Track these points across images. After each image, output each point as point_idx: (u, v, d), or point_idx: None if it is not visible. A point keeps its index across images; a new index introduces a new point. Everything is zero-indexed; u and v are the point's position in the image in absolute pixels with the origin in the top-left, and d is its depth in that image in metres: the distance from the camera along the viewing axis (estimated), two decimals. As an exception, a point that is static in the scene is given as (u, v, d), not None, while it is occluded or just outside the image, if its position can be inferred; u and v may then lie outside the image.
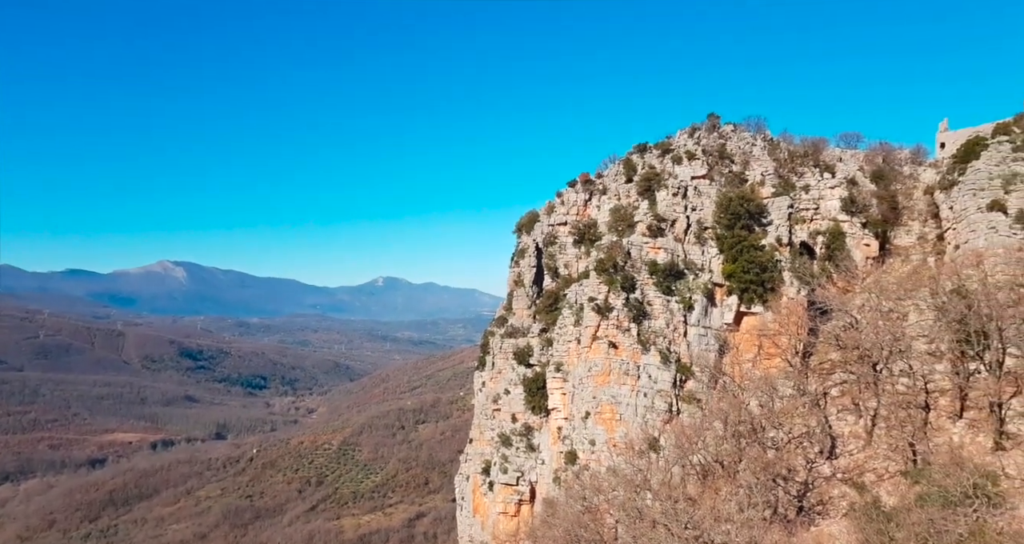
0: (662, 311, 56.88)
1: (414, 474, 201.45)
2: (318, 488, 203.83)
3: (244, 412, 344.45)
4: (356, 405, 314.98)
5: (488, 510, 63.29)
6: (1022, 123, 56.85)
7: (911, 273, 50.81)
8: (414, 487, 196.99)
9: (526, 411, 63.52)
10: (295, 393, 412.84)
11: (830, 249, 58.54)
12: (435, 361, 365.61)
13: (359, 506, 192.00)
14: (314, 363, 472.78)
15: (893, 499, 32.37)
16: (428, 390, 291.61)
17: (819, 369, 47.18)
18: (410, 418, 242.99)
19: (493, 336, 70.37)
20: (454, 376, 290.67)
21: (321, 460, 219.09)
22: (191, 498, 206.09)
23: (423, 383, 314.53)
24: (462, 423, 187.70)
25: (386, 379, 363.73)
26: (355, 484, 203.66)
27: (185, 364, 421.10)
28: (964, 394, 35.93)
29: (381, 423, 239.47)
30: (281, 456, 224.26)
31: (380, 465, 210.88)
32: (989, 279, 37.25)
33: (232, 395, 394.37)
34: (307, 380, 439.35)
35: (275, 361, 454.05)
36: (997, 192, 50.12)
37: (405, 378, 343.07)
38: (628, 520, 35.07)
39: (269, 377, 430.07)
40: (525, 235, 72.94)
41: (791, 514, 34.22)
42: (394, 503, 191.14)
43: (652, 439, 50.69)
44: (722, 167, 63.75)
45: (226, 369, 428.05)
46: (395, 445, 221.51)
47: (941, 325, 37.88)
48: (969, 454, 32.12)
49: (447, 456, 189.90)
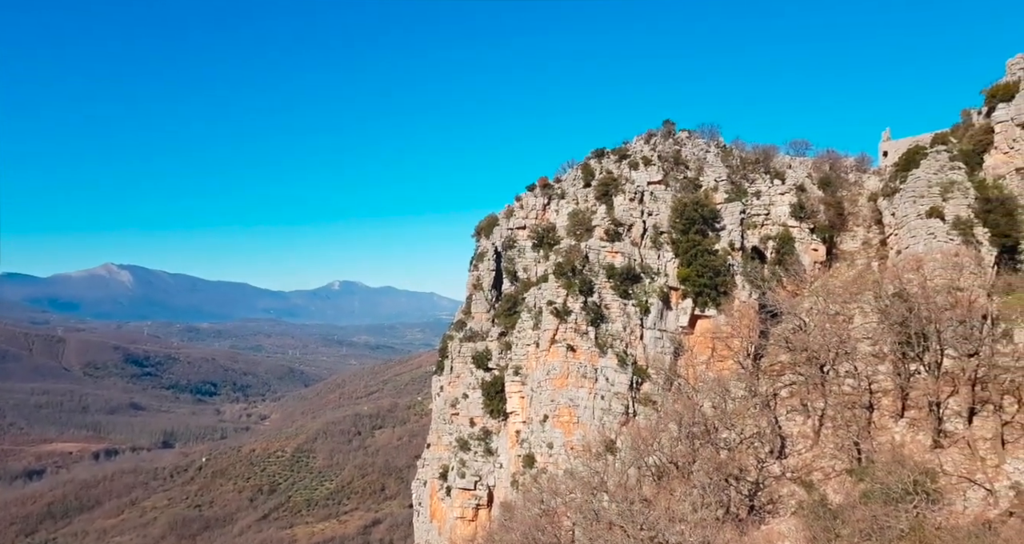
0: (619, 314, 57.40)
1: (370, 480, 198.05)
2: (270, 496, 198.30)
3: (193, 420, 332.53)
4: (311, 411, 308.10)
5: (445, 515, 62.54)
6: (958, 133, 59.78)
7: (856, 277, 52.63)
8: (370, 494, 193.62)
9: (484, 415, 63.11)
10: (247, 400, 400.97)
11: (780, 253, 60.18)
12: (393, 366, 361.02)
13: (313, 514, 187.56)
14: (267, 369, 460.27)
15: (839, 497, 33.27)
16: (385, 395, 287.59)
17: (769, 371, 48.30)
18: (367, 424, 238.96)
19: (452, 340, 69.76)
20: (412, 381, 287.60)
21: (274, 468, 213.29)
22: (136, 509, 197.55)
23: (380, 388, 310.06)
24: (420, 428, 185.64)
25: (342, 384, 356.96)
26: (309, 492, 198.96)
27: (130, 371, 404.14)
28: (905, 394, 37.27)
29: (337, 429, 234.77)
30: (232, 464, 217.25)
31: (335, 472, 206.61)
32: (928, 283, 38.80)
33: (180, 402, 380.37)
34: (260, 386, 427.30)
35: (226, 367, 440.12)
36: (935, 199, 52.41)
37: (362, 383, 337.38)
38: (585, 522, 35.06)
39: (220, 383, 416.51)
40: (484, 239, 72.64)
41: (743, 513, 34.81)
42: (349, 510, 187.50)
43: (609, 441, 51.00)
44: (677, 173, 64.89)
45: (174, 376, 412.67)
46: (351, 451, 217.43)
47: (884, 327, 39.27)
48: (910, 452, 33.32)
49: (404, 462, 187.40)
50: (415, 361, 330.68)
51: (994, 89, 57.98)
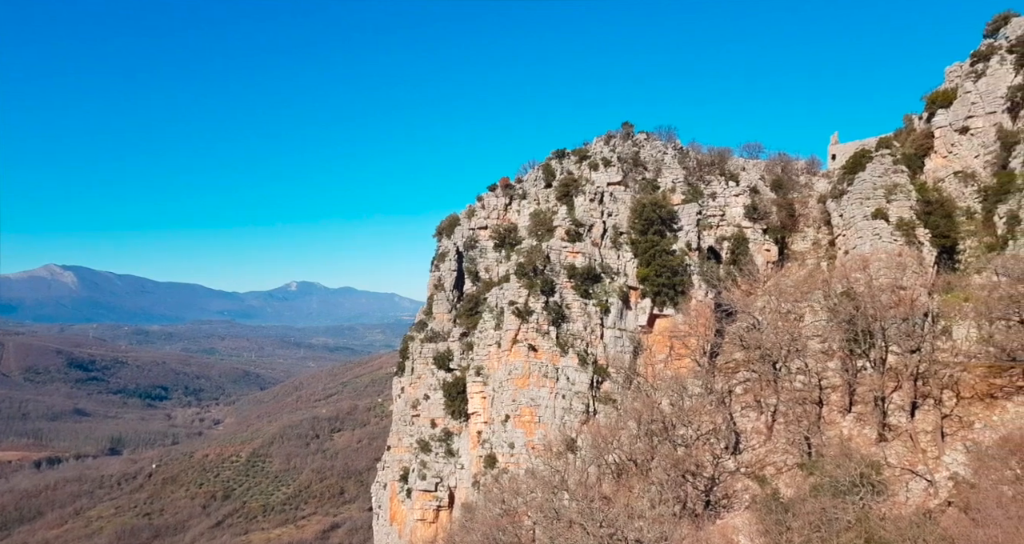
0: (580, 314, 57.83)
1: (329, 484, 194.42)
2: (225, 502, 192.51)
3: (142, 425, 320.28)
4: (267, 414, 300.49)
5: (406, 518, 61.87)
6: (901, 138, 62.40)
7: (807, 277, 54.38)
8: (329, 497, 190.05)
9: (446, 416, 62.68)
10: (200, 404, 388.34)
11: (735, 254, 61.66)
12: (352, 367, 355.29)
13: (269, 520, 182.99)
14: (221, 372, 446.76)
15: (790, 490, 34.27)
16: (345, 397, 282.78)
17: (725, 368, 49.46)
18: (325, 427, 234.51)
19: (413, 341, 69.05)
20: (372, 382, 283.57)
21: (228, 473, 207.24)
22: (80, 519, 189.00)
23: (339, 390, 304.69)
24: (380, 430, 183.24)
25: (300, 387, 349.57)
26: (265, 497, 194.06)
27: (75, 375, 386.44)
28: (852, 390, 38.66)
29: (294, 432, 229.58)
30: (183, 470, 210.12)
31: (292, 476, 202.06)
32: (874, 282, 40.34)
33: (129, 407, 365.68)
34: (213, 390, 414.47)
35: (177, 370, 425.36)
36: (880, 201, 54.57)
37: (320, 385, 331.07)
38: (545, 521, 35.17)
39: (171, 387, 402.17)
40: (446, 239, 72.16)
41: (699, 509, 35.49)
42: (307, 515, 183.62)
43: (570, 440, 51.33)
44: (636, 174, 65.77)
45: (122, 380, 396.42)
46: (309, 455, 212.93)
47: (833, 325, 40.67)
48: (857, 445, 34.57)
49: (364, 464, 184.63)
50: (375, 362, 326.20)
51: (934, 95, 60.75)
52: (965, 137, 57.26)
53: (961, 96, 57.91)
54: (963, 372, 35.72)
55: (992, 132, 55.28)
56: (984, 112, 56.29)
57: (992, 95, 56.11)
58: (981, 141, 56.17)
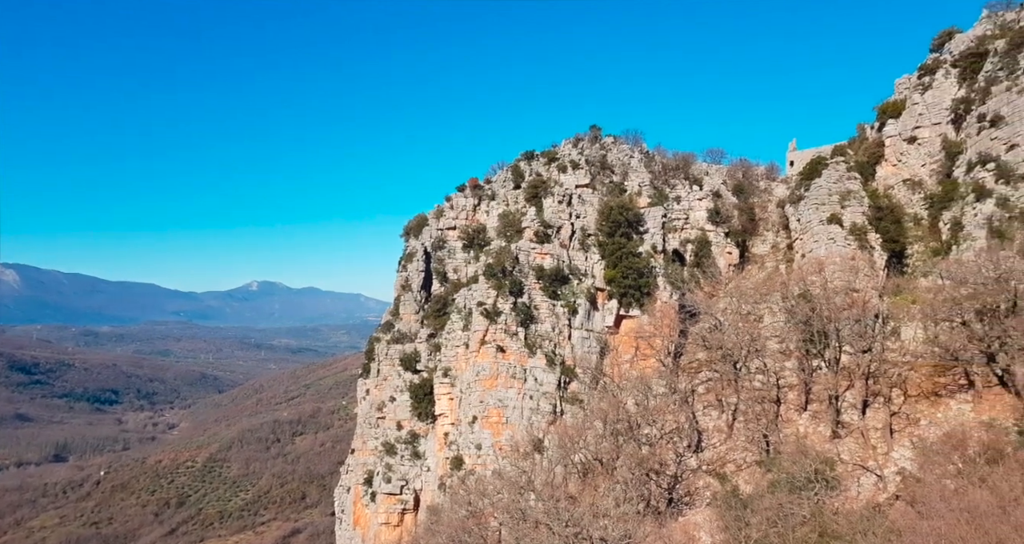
0: (548, 315, 58.39)
1: (290, 489, 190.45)
2: (179, 510, 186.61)
3: (90, 430, 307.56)
4: (225, 418, 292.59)
5: (370, 521, 61.38)
6: (854, 146, 65.01)
7: (766, 279, 56.09)
8: (289, 502, 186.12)
9: (412, 418, 62.44)
10: (153, 408, 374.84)
11: (698, 256, 63.20)
12: (315, 369, 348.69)
13: (227, 526, 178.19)
14: (176, 374, 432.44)
15: (749, 487, 35.42)
16: (307, 400, 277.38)
17: (688, 368, 50.69)
18: (286, 430, 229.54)
19: (379, 342, 68.52)
20: (336, 385, 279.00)
21: (183, 479, 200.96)
22: (21, 529, 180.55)
23: (302, 393, 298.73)
24: (344, 433, 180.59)
25: (260, 389, 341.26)
26: (222, 503, 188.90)
27: (16, 379, 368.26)
28: (808, 388, 40.15)
29: (253, 437, 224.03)
30: (135, 477, 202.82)
31: (252, 481, 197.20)
32: (829, 285, 41.93)
33: (75, 412, 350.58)
34: (167, 393, 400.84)
35: (129, 373, 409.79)
36: (835, 207, 56.73)
37: (282, 388, 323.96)
38: (512, 522, 35.41)
39: (122, 391, 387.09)
40: (413, 239, 71.84)
41: (662, 506, 36.35)
42: (267, 521, 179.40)
43: (537, 441, 51.81)
44: (604, 177, 66.78)
45: (68, 383, 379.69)
46: (269, 459, 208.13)
47: (790, 326, 42.12)
48: (812, 443, 35.96)
49: (327, 468, 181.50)
50: (340, 364, 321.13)
51: (884, 106, 63.48)
52: (913, 146, 60.00)
53: (909, 107, 60.67)
54: (910, 371, 37.50)
55: (938, 142, 58.09)
56: (930, 123, 59.11)
57: (938, 107, 58.97)
58: (928, 151, 58.94)
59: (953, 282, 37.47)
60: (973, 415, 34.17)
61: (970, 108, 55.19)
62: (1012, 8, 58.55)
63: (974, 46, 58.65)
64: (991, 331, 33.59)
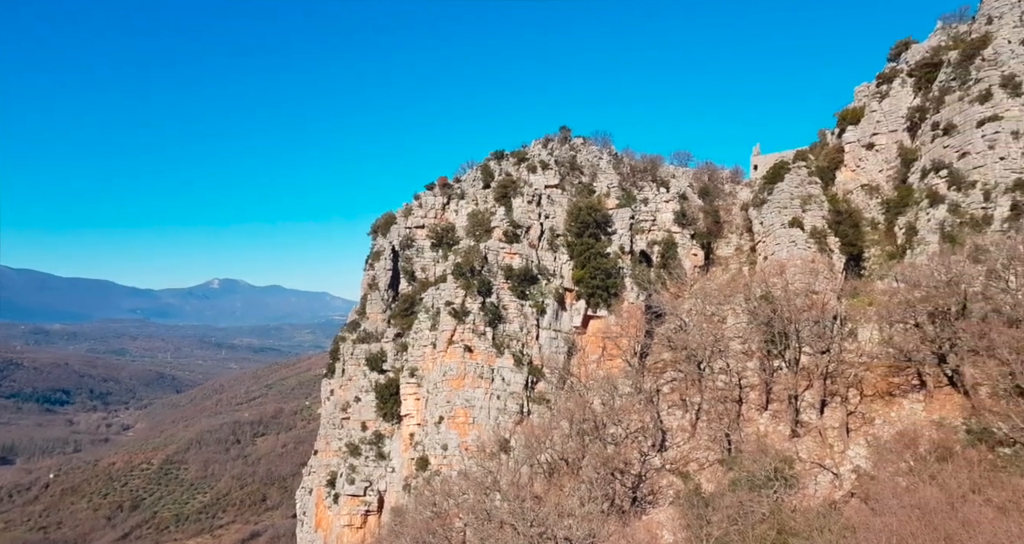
0: (516, 315, 58.35)
1: (250, 491, 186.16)
2: (132, 513, 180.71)
3: (39, 432, 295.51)
4: (183, 419, 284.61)
5: (332, 523, 60.44)
6: (815, 151, 66.71)
7: (730, 281, 57.11)
8: (249, 505, 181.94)
9: (377, 418, 61.69)
10: (107, 408, 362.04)
11: (665, 258, 64.00)
12: (278, 369, 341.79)
13: (183, 530, 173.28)
14: (132, 374, 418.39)
15: (711, 485, 35.98)
16: (269, 400, 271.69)
17: (654, 368, 51.25)
18: (247, 431, 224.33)
19: (344, 341, 67.49)
20: (300, 385, 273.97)
21: (137, 482, 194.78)
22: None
23: (264, 393, 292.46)
24: (307, 434, 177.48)
25: (220, 389, 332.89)
26: (179, 506, 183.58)
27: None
28: (769, 388, 40.99)
29: (213, 438, 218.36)
30: (86, 480, 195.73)
31: (210, 483, 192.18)
32: (789, 287, 42.87)
33: (23, 413, 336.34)
34: (122, 393, 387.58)
35: (82, 373, 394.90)
36: (796, 211, 58.11)
37: (243, 388, 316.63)
38: (477, 522, 35.28)
39: (73, 391, 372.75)
40: (381, 237, 70.95)
41: (626, 505, 36.66)
42: (225, 524, 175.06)
43: (503, 441, 51.71)
44: (573, 178, 67.07)
45: (16, 383, 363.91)
46: (228, 461, 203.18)
47: (752, 327, 42.94)
48: (772, 441, 36.71)
49: (288, 470, 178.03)
50: (303, 364, 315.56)
51: (844, 113, 65.29)
52: (871, 153, 61.87)
53: (868, 114, 62.54)
54: (866, 371, 38.58)
55: (894, 149, 60.02)
56: (887, 130, 61.04)
57: (894, 115, 60.94)
58: (884, 157, 60.85)
59: (907, 285, 38.69)
60: (925, 414, 35.34)
61: (925, 116, 57.14)
62: (965, 20, 60.80)
63: (929, 56, 60.76)
64: (942, 333, 34.78)
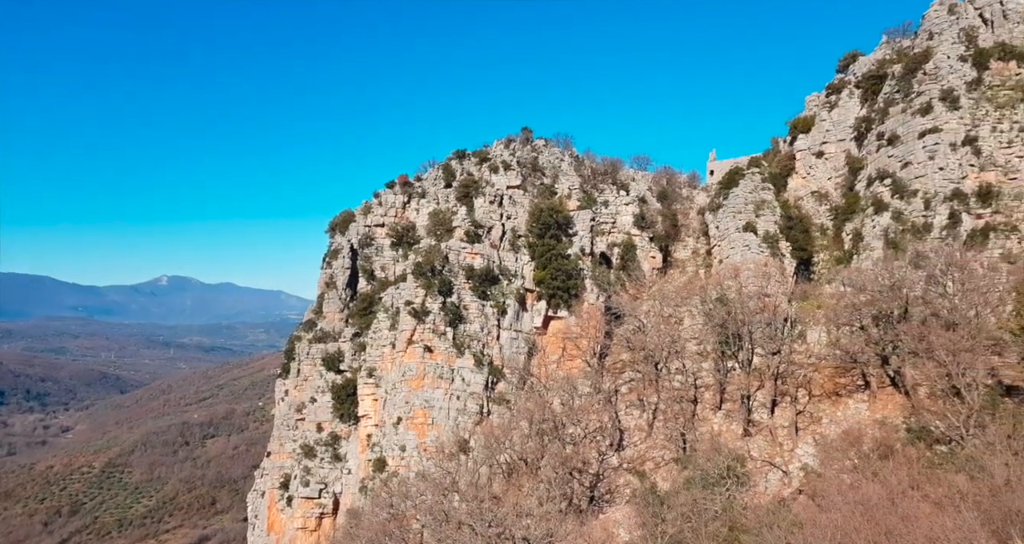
0: (477, 315, 58.23)
1: (198, 494, 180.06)
2: (71, 519, 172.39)
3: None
4: (128, 420, 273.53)
5: (285, 527, 59.14)
6: (768, 158, 68.86)
7: (686, 283, 58.38)
8: (198, 509, 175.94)
9: (334, 419, 60.63)
10: (44, 410, 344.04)
11: (624, 260, 64.91)
12: (230, 369, 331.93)
13: (126, 535, 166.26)
14: (72, 374, 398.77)
15: (667, 484, 36.70)
16: (220, 401, 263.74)
17: (612, 368, 51.94)
18: (197, 433, 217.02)
19: (300, 341, 66.05)
20: (252, 385, 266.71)
21: (77, 486, 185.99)
22: None
23: (215, 393, 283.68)
24: (260, 436, 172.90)
25: (168, 390, 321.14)
26: (122, 510, 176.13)
27: None
28: (723, 388, 42.07)
29: (159, 440, 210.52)
30: (20, 484, 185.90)
31: (156, 487, 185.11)
32: (743, 289, 44.15)
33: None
34: (62, 394, 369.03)
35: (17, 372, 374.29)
36: (750, 215, 59.85)
37: (192, 388, 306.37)
38: (435, 523, 35.04)
39: (7, 391, 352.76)
40: (339, 235, 69.71)
41: (584, 504, 37.05)
42: (172, 528, 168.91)
43: (463, 441, 51.51)
44: (535, 179, 67.37)
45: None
46: (176, 463, 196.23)
47: (708, 328, 44.00)
48: (725, 440, 37.70)
49: (240, 472, 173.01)
50: (256, 363, 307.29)
51: (796, 121, 67.61)
52: (821, 161, 64.26)
53: (818, 124, 64.92)
54: (815, 372, 40.03)
55: (842, 157, 62.48)
56: (836, 139, 63.51)
57: (843, 124, 63.44)
58: (833, 165, 63.29)
59: (853, 289, 40.34)
60: (868, 414, 36.88)
61: (871, 127, 59.69)
62: (908, 35, 63.77)
63: (875, 69, 63.47)
64: (885, 335, 36.38)
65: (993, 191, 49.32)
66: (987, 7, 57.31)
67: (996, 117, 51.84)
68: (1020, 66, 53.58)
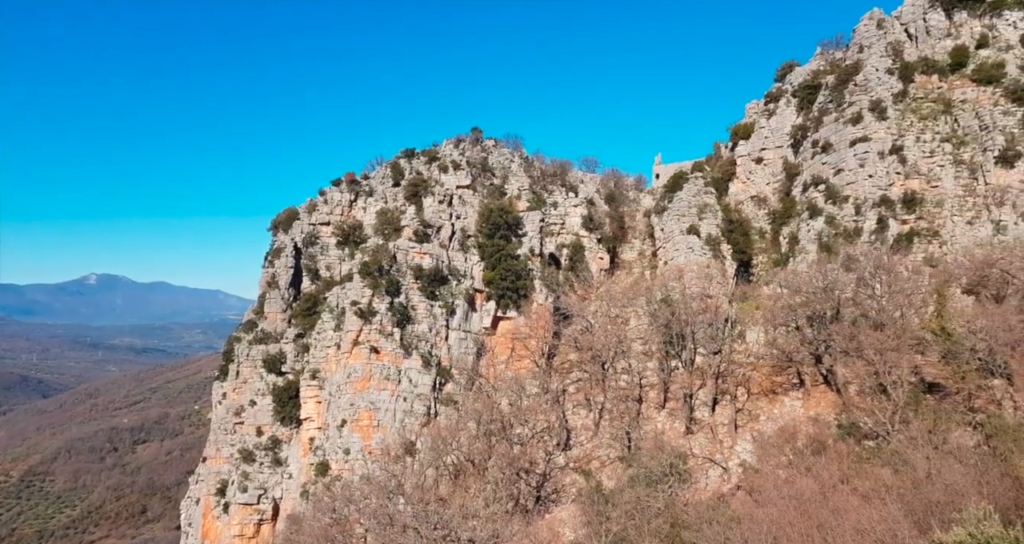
0: (425, 316, 57.50)
1: (127, 502, 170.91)
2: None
3: None
4: (50, 426, 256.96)
5: (221, 535, 56.81)
6: (711, 162, 70.98)
7: (633, 284, 59.44)
8: (126, 517, 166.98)
9: (274, 423, 58.64)
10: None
11: (573, 261, 65.49)
12: (164, 371, 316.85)
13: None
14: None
15: (612, 482, 37.19)
16: (153, 405, 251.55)
17: (560, 368, 52.31)
18: (126, 438, 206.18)
19: (239, 342, 63.55)
20: (188, 388, 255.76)
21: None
22: None
23: (147, 397, 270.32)
24: (196, 441, 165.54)
25: (95, 394, 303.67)
26: (42, 522, 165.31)
27: None
28: (667, 387, 43.01)
29: (85, 446, 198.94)
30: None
31: (81, 496, 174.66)
32: (687, 290, 45.28)
33: None
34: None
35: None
36: (694, 219, 61.47)
37: (122, 392, 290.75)
38: (379, 527, 34.33)
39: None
40: (283, 233, 67.47)
41: (530, 504, 37.09)
42: (98, 538, 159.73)
43: (409, 443, 50.74)
44: (484, 179, 67.12)
45: None
46: (104, 471, 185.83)
47: (653, 329, 44.90)
48: (668, 438, 38.53)
49: (174, 479, 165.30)
50: (193, 366, 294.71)
51: (737, 128, 69.90)
52: (760, 166, 66.64)
53: (757, 131, 67.31)
54: (753, 371, 41.45)
55: (780, 163, 64.98)
56: (774, 146, 66.01)
57: (780, 132, 66.00)
58: (772, 170, 65.74)
59: (789, 291, 41.96)
60: (803, 411, 38.44)
61: (806, 134, 62.32)
62: (840, 47, 66.89)
63: (810, 79, 66.29)
64: (819, 335, 38.00)
65: (917, 198, 52.26)
66: (912, 23, 60.79)
67: (920, 128, 54.99)
68: (941, 80, 57.05)
